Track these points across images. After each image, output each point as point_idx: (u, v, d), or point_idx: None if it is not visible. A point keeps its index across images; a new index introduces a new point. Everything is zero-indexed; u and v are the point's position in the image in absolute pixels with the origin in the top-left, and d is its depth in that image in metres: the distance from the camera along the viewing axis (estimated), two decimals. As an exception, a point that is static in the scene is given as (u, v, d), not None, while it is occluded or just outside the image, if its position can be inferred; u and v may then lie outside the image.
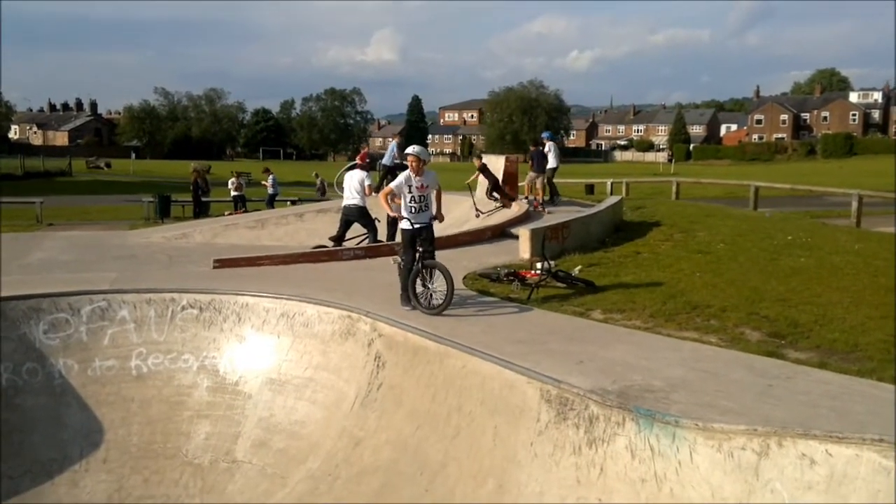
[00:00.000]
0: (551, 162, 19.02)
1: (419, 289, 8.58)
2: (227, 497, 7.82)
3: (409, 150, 8.68)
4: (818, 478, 4.27)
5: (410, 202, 8.57)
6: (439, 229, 16.29)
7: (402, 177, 8.55)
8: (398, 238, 9.47)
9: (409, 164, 8.62)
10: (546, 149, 19.16)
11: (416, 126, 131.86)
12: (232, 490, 7.84)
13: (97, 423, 8.51)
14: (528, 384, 6.17)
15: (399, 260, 9.02)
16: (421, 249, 8.63)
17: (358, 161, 14.10)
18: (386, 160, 18.84)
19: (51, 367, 8.77)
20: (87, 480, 8.02)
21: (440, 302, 8.36)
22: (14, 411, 8.33)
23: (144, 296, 9.58)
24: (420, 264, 8.59)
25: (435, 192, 8.87)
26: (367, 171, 13.98)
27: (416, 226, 8.62)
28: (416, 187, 8.54)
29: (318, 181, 29.38)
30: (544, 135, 20.26)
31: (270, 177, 27.00)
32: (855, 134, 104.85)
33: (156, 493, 7.94)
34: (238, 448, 8.35)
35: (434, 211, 8.92)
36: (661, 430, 5.05)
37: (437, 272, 8.49)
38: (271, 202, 26.33)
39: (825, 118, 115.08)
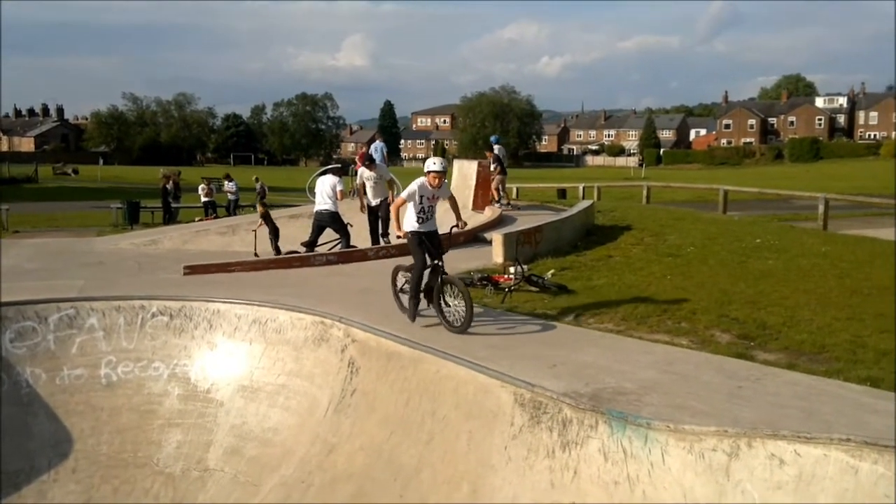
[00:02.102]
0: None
1: (443, 306, 8.10)
2: (200, 506, 7.73)
3: (433, 166, 8.10)
4: (787, 478, 4.33)
5: (420, 212, 8.18)
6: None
7: (416, 186, 8.07)
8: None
9: (429, 180, 8.07)
10: (496, 151, 20.05)
11: (388, 131, 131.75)
12: (204, 499, 7.75)
13: (66, 433, 8.36)
14: (501, 388, 6.19)
15: (401, 273, 8.69)
16: (436, 262, 8.13)
17: (357, 160, 14.27)
18: (379, 162, 18.86)
19: (17, 377, 8.60)
20: (55, 491, 7.87)
21: (460, 324, 7.79)
22: (-21, 422, 8.16)
23: (113, 303, 9.45)
24: (440, 279, 8.05)
25: (448, 200, 8.49)
26: (340, 176, 13.98)
27: (423, 230, 8.22)
28: (429, 198, 8.20)
29: (257, 185, 28.80)
30: (492, 139, 20.80)
31: (231, 183, 26.91)
32: (821, 138, 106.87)
33: (126, 502, 7.82)
34: (210, 456, 8.25)
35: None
36: (634, 432, 5.09)
37: (457, 289, 7.93)
38: (233, 208, 26.21)
39: (792, 123, 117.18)
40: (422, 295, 8.22)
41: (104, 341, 9.15)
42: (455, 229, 8.49)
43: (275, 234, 16.10)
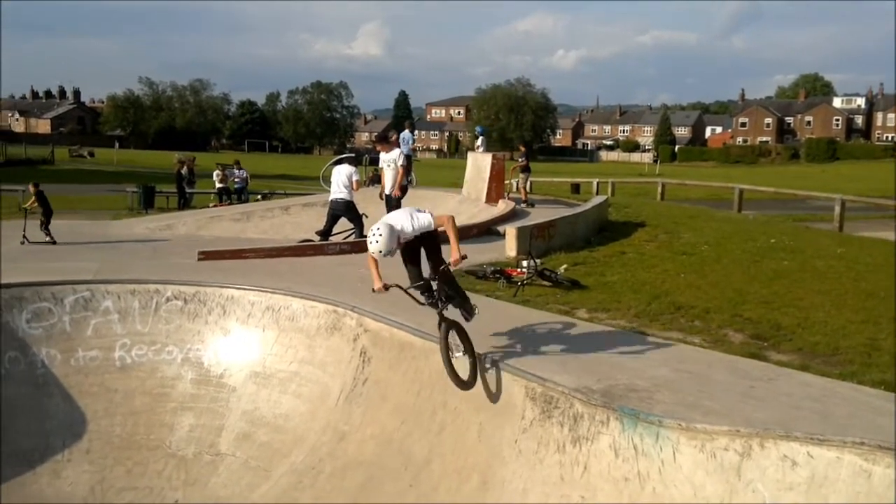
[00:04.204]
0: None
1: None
2: (211, 489, 7.80)
3: (374, 248, 6.32)
4: (799, 479, 4.33)
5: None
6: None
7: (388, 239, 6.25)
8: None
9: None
10: (478, 143, 21.41)
11: (402, 122, 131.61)
12: (215, 482, 7.82)
13: (80, 414, 8.45)
14: (513, 381, 6.20)
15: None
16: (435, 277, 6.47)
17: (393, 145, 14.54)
18: (404, 150, 18.94)
19: (33, 357, 8.70)
20: (69, 471, 7.96)
21: (467, 377, 6.30)
22: (-5, 400, 8.26)
23: (128, 286, 9.52)
24: (445, 324, 6.28)
25: (446, 224, 6.50)
26: (356, 165, 14.01)
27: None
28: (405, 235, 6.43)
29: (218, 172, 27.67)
30: (477, 130, 21.56)
31: (241, 171, 27.02)
32: (838, 139, 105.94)
33: (139, 484, 7.90)
34: (222, 440, 8.32)
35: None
36: (645, 429, 5.09)
37: (463, 346, 6.43)
38: (241, 195, 26.30)
39: (809, 123, 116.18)
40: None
41: (119, 324, 9.22)
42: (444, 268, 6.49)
43: (47, 216, 14.58)
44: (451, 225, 6.48)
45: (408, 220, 6.42)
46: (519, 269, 10.65)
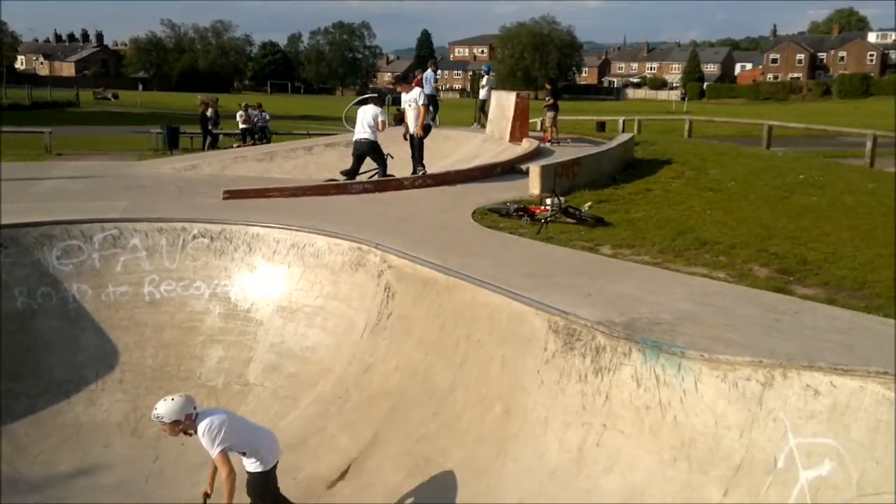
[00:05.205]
0: (482, 94, 21.64)
1: None
2: (241, 417, 8.02)
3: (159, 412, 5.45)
4: (821, 408, 4.34)
5: None
6: (449, 164, 16.38)
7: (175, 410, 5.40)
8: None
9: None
10: (483, 82, 22.00)
11: (424, 61, 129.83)
12: (245, 411, 8.00)
13: (112, 347, 8.67)
14: (536, 315, 6.23)
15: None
16: None
17: (413, 84, 14.50)
18: (427, 90, 18.79)
19: (65, 292, 8.89)
20: (103, 400, 8.21)
21: None
22: (29, 334, 8.48)
23: (155, 225, 9.63)
24: None
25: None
26: (381, 106, 13.92)
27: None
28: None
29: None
30: (483, 68, 21.89)
31: (264, 113, 27.03)
32: (872, 75, 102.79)
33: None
34: (250, 371, 8.51)
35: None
36: (667, 360, 5.11)
37: None
38: (264, 135, 26.33)
39: (842, 58, 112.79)
40: None
41: (147, 261, 9.37)
42: None
43: None
44: (227, 483, 5.28)
45: (217, 430, 5.31)
46: (543, 207, 10.61)
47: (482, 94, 21.92)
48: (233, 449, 5.39)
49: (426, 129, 14.37)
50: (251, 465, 5.58)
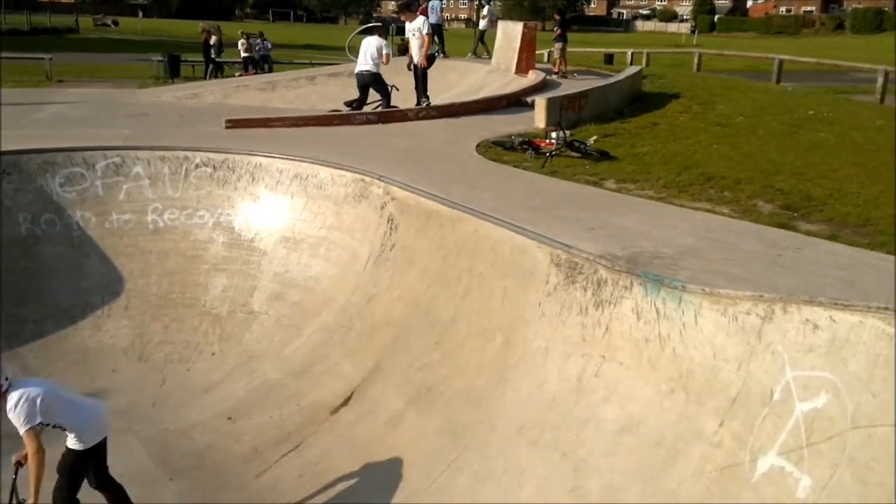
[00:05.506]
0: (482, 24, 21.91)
1: None
2: (245, 344, 8.15)
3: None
4: (820, 342, 4.38)
5: None
6: (454, 95, 16.16)
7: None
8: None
9: None
10: (483, 12, 22.17)
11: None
12: (249, 338, 8.15)
13: (117, 274, 8.74)
14: (538, 248, 6.25)
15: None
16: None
17: (418, 13, 14.04)
18: (433, 19, 18.37)
19: (69, 219, 8.92)
20: (109, 325, 8.34)
21: None
22: (33, 260, 8.56)
23: (158, 153, 9.58)
24: None
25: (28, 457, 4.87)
26: (385, 37, 13.65)
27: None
28: None
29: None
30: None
31: (266, 41, 26.65)
32: (886, 9, 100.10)
33: (176, 339, 8.26)
34: (254, 300, 8.60)
35: None
36: (668, 294, 5.14)
37: None
38: (266, 64, 26.00)
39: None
40: None
41: (150, 189, 9.36)
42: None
43: None
44: (32, 464, 4.76)
45: (28, 407, 4.70)
46: (547, 140, 10.50)
47: (482, 24, 21.98)
48: (49, 424, 4.81)
49: (430, 60, 14.10)
50: (70, 441, 5.04)
